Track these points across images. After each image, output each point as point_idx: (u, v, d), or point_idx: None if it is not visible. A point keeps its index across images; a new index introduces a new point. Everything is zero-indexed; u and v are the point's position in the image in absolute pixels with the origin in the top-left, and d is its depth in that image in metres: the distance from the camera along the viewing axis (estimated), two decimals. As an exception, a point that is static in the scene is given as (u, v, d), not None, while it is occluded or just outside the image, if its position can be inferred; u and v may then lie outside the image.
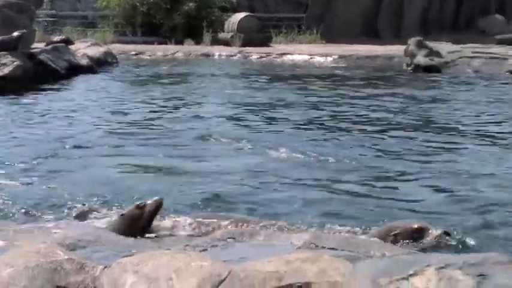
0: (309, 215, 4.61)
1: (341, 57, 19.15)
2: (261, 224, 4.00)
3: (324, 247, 2.83)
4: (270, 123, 8.64)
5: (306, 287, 2.25)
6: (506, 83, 13.10)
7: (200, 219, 4.14)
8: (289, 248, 2.86)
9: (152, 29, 24.61)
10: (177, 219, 4.19)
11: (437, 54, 15.51)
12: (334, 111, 9.70)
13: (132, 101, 10.83)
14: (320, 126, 8.46)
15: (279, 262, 2.41)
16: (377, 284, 2.26)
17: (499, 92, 11.81)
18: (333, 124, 8.61)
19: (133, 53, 21.18)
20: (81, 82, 13.38)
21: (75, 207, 4.67)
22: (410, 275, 2.34)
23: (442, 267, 2.36)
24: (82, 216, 4.49)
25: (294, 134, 7.87)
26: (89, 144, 7.13)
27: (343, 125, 8.54)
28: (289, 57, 19.94)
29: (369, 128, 8.26)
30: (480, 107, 10.17)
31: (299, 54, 20.12)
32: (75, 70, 14.06)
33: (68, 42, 16.27)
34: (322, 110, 9.89)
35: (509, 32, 21.35)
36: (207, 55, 21.02)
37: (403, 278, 2.32)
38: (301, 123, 8.65)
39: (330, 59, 19.12)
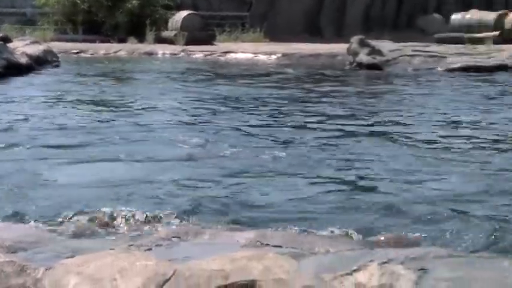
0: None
1: (285, 55, 19.27)
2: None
3: (269, 245, 2.84)
4: (216, 121, 8.63)
5: (251, 284, 2.26)
6: (444, 80, 13.40)
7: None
8: (235, 246, 2.87)
9: (94, 27, 24.29)
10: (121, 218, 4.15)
11: (379, 52, 15.75)
12: (279, 109, 9.76)
13: (74, 100, 10.67)
14: (265, 123, 8.50)
15: (224, 260, 2.42)
16: (321, 280, 2.28)
17: (437, 88, 12.08)
18: (278, 121, 8.67)
19: (75, 51, 20.86)
20: (19, 81, 13.11)
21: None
22: (354, 271, 2.37)
23: (385, 262, 2.40)
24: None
25: (239, 132, 7.88)
26: (29, 141, 6.99)
27: (288, 121, 8.61)
28: (233, 55, 19.97)
29: (311, 125, 8.35)
30: (419, 102, 10.40)
31: (243, 52, 20.16)
32: (13, 69, 13.76)
33: (5, 40, 15.91)
34: (267, 107, 9.94)
35: (447, 31, 21.84)
36: (151, 53, 20.87)
37: (347, 274, 2.36)
38: (246, 120, 8.68)
39: (273, 57, 19.22)
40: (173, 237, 3.15)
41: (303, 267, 2.42)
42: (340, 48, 17.64)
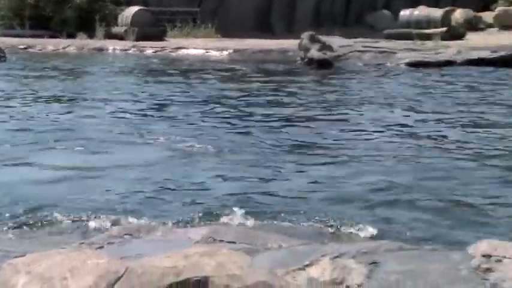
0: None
1: (236, 51, 19.26)
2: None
3: (222, 241, 2.84)
4: (169, 117, 8.59)
5: (204, 281, 2.25)
6: (393, 75, 13.58)
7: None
8: (187, 242, 2.85)
9: (41, 22, 23.86)
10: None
11: (330, 48, 15.87)
12: (233, 104, 9.77)
13: (23, 96, 10.47)
14: (220, 118, 8.51)
15: (177, 257, 2.40)
16: (274, 275, 2.29)
17: (385, 83, 12.25)
18: (232, 115, 8.70)
19: (22, 46, 20.47)
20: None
21: None
22: (306, 265, 2.38)
23: (337, 257, 2.42)
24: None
25: (194, 126, 7.86)
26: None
27: (242, 116, 8.63)
28: (184, 51, 19.87)
29: (266, 118, 8.39)
30: (370, 96, 10.53)
31: (194, 48, 20.09)
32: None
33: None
34: (220, 103, 9.94)
35: (396, 27, 22.14)
36: (101, 49, 20.63)
37: (299, 269, 2.37)
38: (200, 115, 8.66)
39: (225, 53, 19.19)
40: (125, 234, 3.12)
41: (256, 263, 2.42)
42: (291, 44, 17.70)
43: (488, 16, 24.41)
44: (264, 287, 2.19)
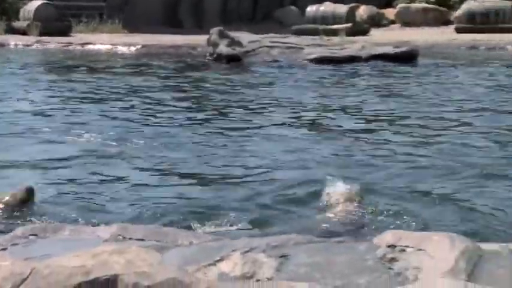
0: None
1: (145, 46, 19.04)
2: None
3: (131, 238, 2.80)
4: (77, 113, 8.45)
5: (113, 279, 2.21)
6: (300, 70, 13.77)
7: None
8: (96, 241, 2.80)
9: None
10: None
11: (239, 43, 15.91)
12: (141, 99, 9.70)
13: None
14: (131, 112, 8.45)
15: (85, 256, 2.36)
16: (185, 272, 2.28)
17: (295, 78, 12.42)
18: (143, 110, 8.65)
19: None
20: None
21: None
22: (217, 261, 2.39)
23: (247, 251, 2.44)
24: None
25: (103, 122, 7.76)
26: None
27: (153, 111, 8.60)
28: (91, 46, 19.48)
29: (176, 114, 8.38)
30: (279, 90, 10.68)
31: (101, 44, 19.73)
32: None
33: None
34: (130, 98, 9.85)
35: (303, 22, 22.45)
36: (2, 45, 19.96)
37: (210, 264, 2.37)
38: (109, 110, 8.55)
39: (133, 48, 18.93)
40: (30, 235, 3.03)
41: (166, 260, 2.40)
42: (200, 39, 17.64)
43: (390, 13, 25.11)
44: (174, 283, 2.18)
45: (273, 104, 9.36)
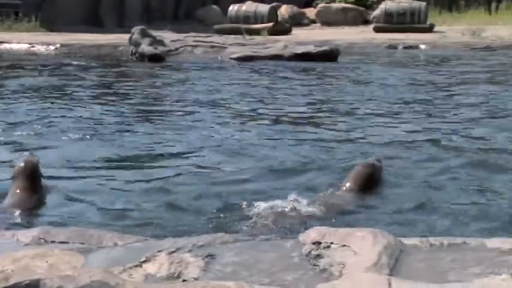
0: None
1: (64, 46, 18.65)
2: None
3: (54, 242, 2.74)
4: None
5: (35, 284, 2.16)
6: (223, 69, 13.80)
7: None
8: (16, 245, 2.73)
9: None
10: None
11: (161, 43, 15.80)
12: (60, 99, 9.54)
13: None
14: (45, 112, 8.29)
15: (4, 261, 2.29)
16: (110, 274, 2.24)
17: (218, 77, 12.43)
18: (60, 108, 8.54)
19: None
20: None
21: None
22: (143, 262, 2.37)
23: (173, 252, 2.42)
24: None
25: (19, 122, 7.60)
26: None
27: (73, 111, 8.47)
28: (7, 46, 18.93)
29: (93, 113, 8.30)
30: (200, 89, 10.69)
31: (18, 43, 19.20)
32: None
33: None
34: (48, 97, 9.67)
35: (225, 22, 22.49)
36: None
37: (136, 265, 2.34)
38: (26, 111, 8.37)
39: (52, 47, 18.51)
40: None
41: (91, 262, 2.37)
42: (122, 38, 17.43)
43: (311, 12, 25.46)
44: (99, 286, 2.15)
45: (193, 102, 9.36)
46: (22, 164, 4.51)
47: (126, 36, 16.31)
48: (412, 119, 7.93)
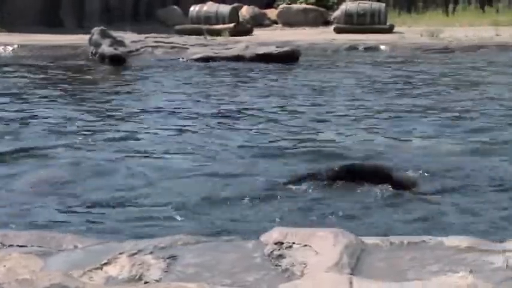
0: None
1: (23, 46, 18.34)
2: None
3: (12, 245, 2.70)
4: None
5: (-7, 289, 2.13)
6: (185, 70, 13.76)
7: None
8: (-27, 250, 2.68)
9: None
10: None
11: (122, 43, 15.66)
12: (15, 101, 9.42)
13: None
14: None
15: (-39, 266, 2.25)
16: (70, 277, 2.22)
17: (182, 78, 12.40)
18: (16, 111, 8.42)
19: None
20: None
21: None
22: (104, 264, 2.35)
23: (134, 254, 2.41)
24: None
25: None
26: None
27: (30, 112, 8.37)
28: (-38, 46, 18.56)
29: (51, 113, 8.23)
30: (161, 90, 10.65)
31: (-27, 43, 18.82)
32: None
33: None
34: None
35: (186, 22, 22.40)
36: None
37: (97, 268, 2.32)
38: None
39: (10, 48, 18.19)
40: None
41: (50, 265, 2.34)
42: (82, 39, 17.20)
43: (272, 13, 25.50)
44: (59, 290, 2.13)
45: (152, 103, 9.33)
46: None
47: (86, 36, 16.14)
48: (368, 121, 8.03)
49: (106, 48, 15.12)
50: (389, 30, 21.59)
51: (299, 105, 9.18)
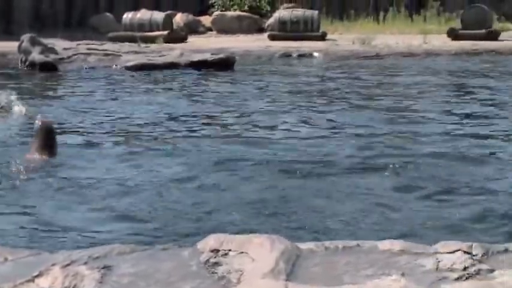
0: None
1: None
2: None
3: None
4: None
5: None
6: (120, 77, 13.63)
7: None
8: None
9: None
10: None
11: (53, 50, 15.37)
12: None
13: None
14: None
15: None
16: (0, 291, 2.17)
17: (111, 86, 12.28)
18: None
19: None
20: None
21: None
22: (36, 276, 2.30)
23: (68, 265, 2.37)
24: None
25: None
26: None
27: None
28: None
29: None
30: (93, 98, 10.52)
31: None
32: None
33: None
34: None
35: (119, 30, 22.19)
36: None
37: (28, 280, 2.27)
38: None
39: None
40: None
41: (-21, 280, 2.27)
42: (10, 46, 16.81)
43: (206, 20, 25.49)
44: (-11, 304, 2.07)
45: (81, 112, 9.22)
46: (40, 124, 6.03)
47: (15, 43, 15.78)
48: (295, 127, 8.18)
49: (36, 55, 14.82)
50: (322, 37, 21.88)
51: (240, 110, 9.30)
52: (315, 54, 18.52)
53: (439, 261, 2.34)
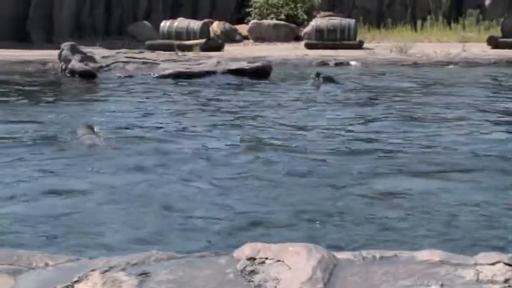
0: None
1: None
2: None
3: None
4: None
5: (-38, 308, 2.09)
6: (158, 85, 13.75)
7: None
8: None
9: None
10: None
11: (92, 59, 15.58)
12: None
13: None
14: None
15: None
16: (41, 296, 2.19)
17: (150, 94, 12.38)
18: None
19: None
20: None
21: None
22: (75, 282, 2.32)
23: (106, 271, 2.39)
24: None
25: None
26: None
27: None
28: None
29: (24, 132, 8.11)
30: (133, 105, 10.63)
31: None
32: None
33: None
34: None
35: (157, 38, 22.41)
36: None
37: (68, 286, 2.30)
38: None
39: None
40: None
41: (21, 284, 2.31)
42: (51, 55, 17.09)
43: (243, 29, 25.60)
44: (30, 308, 2.10)
45: (123, 120, 9.30)
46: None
47: (55, 52, 16.03)
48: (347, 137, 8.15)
49: (76, 63, 15.03)
50: (359, 46, 21.81)
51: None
52: (352, 63, 18.45)
53: (479, 273, 2.31)
